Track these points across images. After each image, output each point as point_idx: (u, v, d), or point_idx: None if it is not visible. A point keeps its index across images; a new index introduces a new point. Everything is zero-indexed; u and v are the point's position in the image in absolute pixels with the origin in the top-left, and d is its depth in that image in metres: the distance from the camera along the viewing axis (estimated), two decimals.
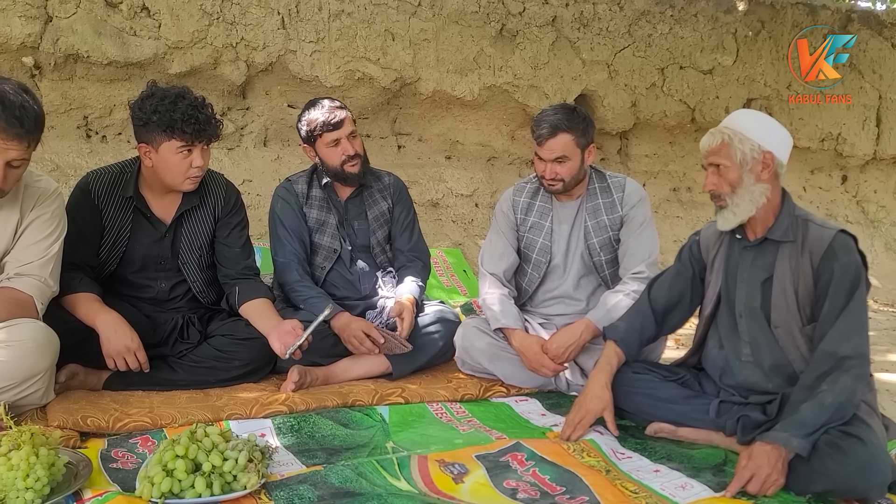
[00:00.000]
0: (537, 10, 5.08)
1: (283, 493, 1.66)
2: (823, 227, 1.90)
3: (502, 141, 5.32)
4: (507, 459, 1.89)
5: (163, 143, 2.26)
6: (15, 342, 1.92)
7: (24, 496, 1.51)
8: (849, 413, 1.75)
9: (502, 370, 2.56)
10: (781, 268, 1.92)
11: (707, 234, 2.14)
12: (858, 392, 1.78)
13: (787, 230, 1.92)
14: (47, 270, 2.07)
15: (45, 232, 2.08)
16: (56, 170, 4.03)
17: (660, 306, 2.21)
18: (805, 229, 1.91)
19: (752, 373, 2.01)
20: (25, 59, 3.90)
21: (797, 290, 1.90)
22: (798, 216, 1.95)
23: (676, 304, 2.21)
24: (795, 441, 1.70)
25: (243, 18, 4.33)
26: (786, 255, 1.92)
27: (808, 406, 1.76)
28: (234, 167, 4.49)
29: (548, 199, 2.67)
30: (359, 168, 2.71)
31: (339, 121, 2.64)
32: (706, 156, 1.96)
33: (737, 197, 1.92)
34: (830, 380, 1.77)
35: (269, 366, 2.51)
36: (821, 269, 1.85)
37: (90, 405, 2.12)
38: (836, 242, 1.85)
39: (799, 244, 1.90)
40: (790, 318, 1.92)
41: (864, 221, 6.52)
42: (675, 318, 2.23)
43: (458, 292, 4.15)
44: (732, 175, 1.91)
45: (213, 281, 2.57)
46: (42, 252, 2.07)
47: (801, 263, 1.89)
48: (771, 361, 1.97)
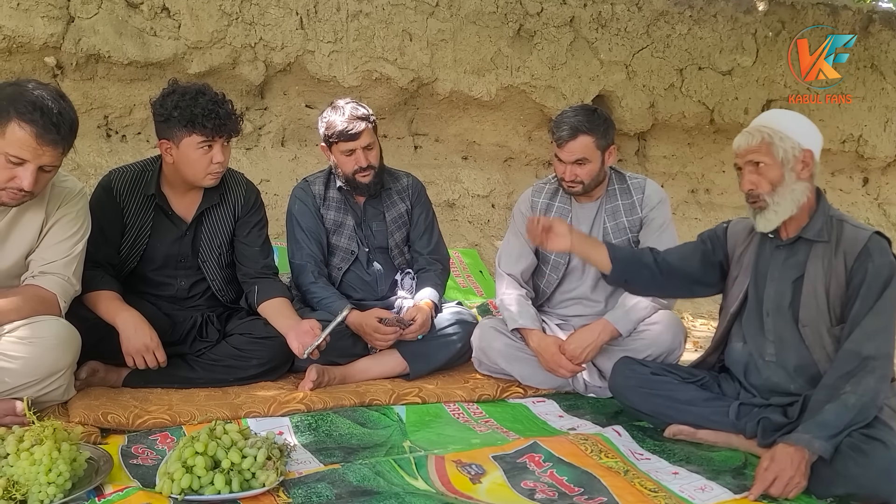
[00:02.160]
0: (555, 10, 5.07)
1: (301, 490, 1.67)
2: (859, 229, 1.88)
3: (519, 141, 5.31)
4: (525, 461, 1.89)
5: (183, 139, 2.28)
6: (38, 339, 1.95)
7: (47, 490, 1.52)
8: (871, 414, 1.74)
9: (519, 371, 2.56)
10: (813, 267, 1.90)
11: (736, 229, 2.11)
12: (882, 393, 1.76)
13: (822, 230, 1.90)
14: (71, 269, 2.09)
15: (70, 231, 2.11)
16: (77, 169, 4.07)
17: (660, 257, 2.16)
18: (840, 230, 1.89)
19: (775, 373, 1.99)
20: (48, 60, 3.94)
21: (828, 289, 1.88)
22: (833, 216, 1.93)
23: (679, 264, 2.15)
24: (818, 443, 1.68)
25: (262, 19, 4.36)
26: (819, 254, 1.90)
27: (831, 407, 1.74)
28: (252, 167, 4.51)
29: (567, 201, 2.66)
30: (370, 179, 2.68)
31: (357, 133, 2.60)
32: (743, 154, 1.92)
33: (777, 196, 1.88)
34: (854, 381, 1.75)
35: (287, 365, 2.53)
36: (854, 270, 1.83)
37: (110, 402, 2.14)
38: (872, 244, 1.83)
39: (833, 244, 1.88)
40: (819, 317, 1.90)
41: (885, 224, 6.44)
42: (673, 281, 2.16)
43: (475, 293, 4.15)
44: (774, 174, 1.88)
45: (232, 279, 2.58)
46: (66, 251, 2.09)
47: (834, 263, 1.87)
48: (796, 361, 1.95)
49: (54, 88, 1.93)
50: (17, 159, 1.84)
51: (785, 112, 2.02)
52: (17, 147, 1.83)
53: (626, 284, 2.26)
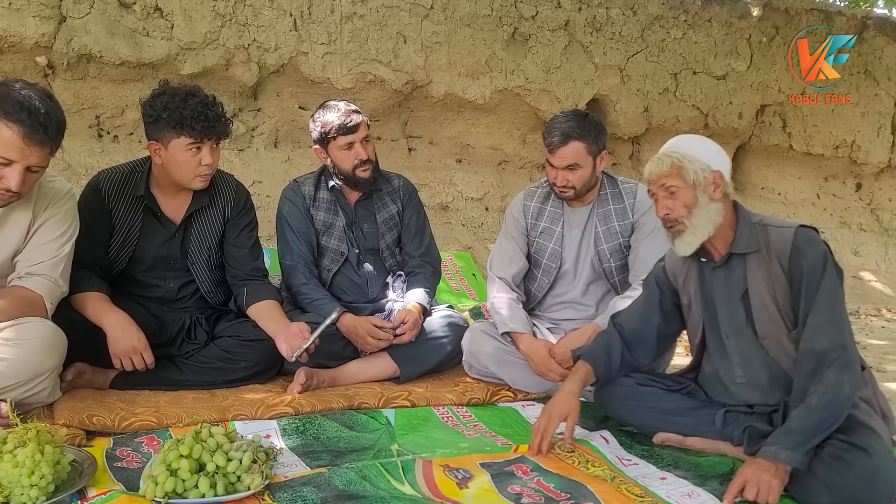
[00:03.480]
0: (550, 13, 5.07)
1: (287, 494, 1.65)
2: (783, 228, 1.88)
3: (513, 145, 5.31)
4: (512, 469, 1.88)
5: (172, 141, 2.27)
6: (23, 340, 1.93)
7: (29, 493, 1.51)
8: (843, 409, 1.72)
9: (509, 374, 2.55)
10: (754, 279, 1.90)
11: (671, 261, 2.12)
12: (846, 384, 1.73)
13: (749, 240, 1.90)
14: (58, 271, 2.08)
15: (57, 232, 2.10)
16: (67, 169, 4.06)
17: (625, 330, 2.15)
18: (766, 235, 1.89)
19: (750, 394, 1.99)
20: (39, 59, 3.93)
21: (775, 296, 1.88)
22: (756, 223, 1.93)
23: (643, 327, 2.14)
24: (784, 454, 1.67)
25: (255, 20, 4.35)
26: (754, 265, 1.90)
27: (796, 413, 1.74)
28: (245, 168, 4.50)
29: (559, 205, 2.66)
30: (370, 173, 2.69)
31: (355, 125, 2.63)
32: (655, 181, 1.94)
33: (694, 218, 1.90)
34: (816, 379, 1.75)
35: (276, 367, 2.52)
36: (791, 271, 1.83)
37: (96, 404, 2.13)
38: (798, 239, 1.83)
39: (764, 251, 1.88)
40: (775, 326, 1.89)
41: (878, 230, 6.46)
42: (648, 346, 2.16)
43: (468, 296, 4.14)
44: (687, 197, 1.89)
45: (221, 281, 2.57)
46: (53, 252, 2.08)
47: (771, 270, 1.87)
48: (766, 376, 1.95)
49: (42, 88, 1.92)
50: (4, 160, 1.83)
51: (691, 136, 2.05)
52: (4, 147, 1.82)
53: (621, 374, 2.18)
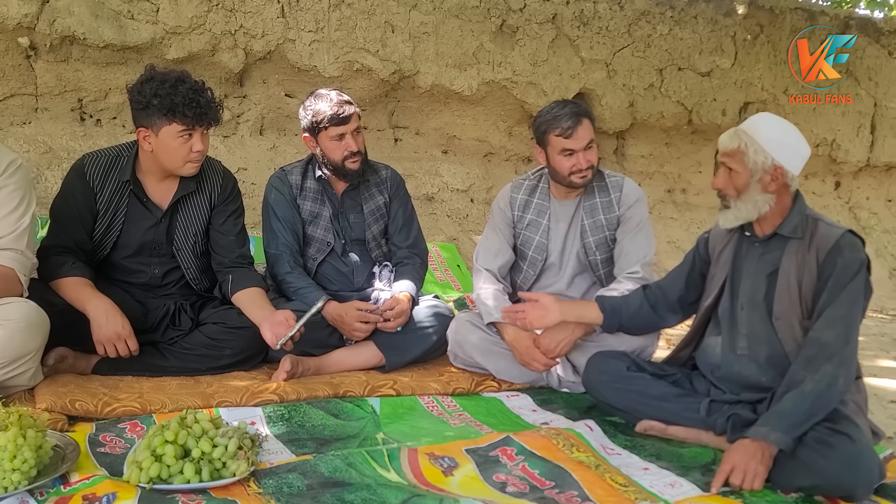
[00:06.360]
0: (538, 6, 5.07)
1: (272, 481, 1.66)
2: (832, 227, 1.94)
3: (499, 137, 5.31)
4: (497, 454, 1.89)
5: (163, 128, 2.24)
6: (5, 321, 1.92)
7: (11, 477, 1.50)
8: (832, 402, 1.77)
9: (494, 365, 2.56)
10: (788, 261, 1.96)
11: (718, 231, 2.18)
12: (840, 380, 1.78)
13: (797, 227, 1.96)
14: (22, 242, 2.06)
15: (12, 205, 2.06)
16: (49, 152, 4.00)
17: (655, 288, 2.28)
18: (814, 227, 1.95)
19: (746, 366, 2.03)
20: (21, 40, 3.86)
21: (801, 282, 1.93)
22: (809, 215, 1.99)
23: (669, 289, 2.26)
24: (774, 435, 1.72)
25: (242, 6, 4.30)
26: (793, 250, 1.96)
27: (788, 396, 1.78)
28: (230, 155, 4.46)
29: (545, 197, 2.67)
30: (359, 165, 2.68)
31: (347, 116, 2.61)
32: (721, 154, 1.99)
33: (740, 202, 1.96)
34: (812, 367, 1.79)
35: (261, 355, 2.51)
36: (825, 264, 1.88)
37: (79, 389, 2.11)
38: (844, 240, 1.89)
39: (807, 241, 1.94)
40: (791, 309, 1.94)
41: (855, 228, 6.52)
42: (670, 304, 2.26)
43: (452, 287, 4.15)
44: (741, 181, 1.95)
45: (206, 268, 2.56)
46: (13, 225, 2.05)
47: (807, 258, 1.93)
48: (767, 353, 1.99)
49: None
50: None
51: (772, 122, 2.00)
52: None
53: (622, 328, 2.32)
